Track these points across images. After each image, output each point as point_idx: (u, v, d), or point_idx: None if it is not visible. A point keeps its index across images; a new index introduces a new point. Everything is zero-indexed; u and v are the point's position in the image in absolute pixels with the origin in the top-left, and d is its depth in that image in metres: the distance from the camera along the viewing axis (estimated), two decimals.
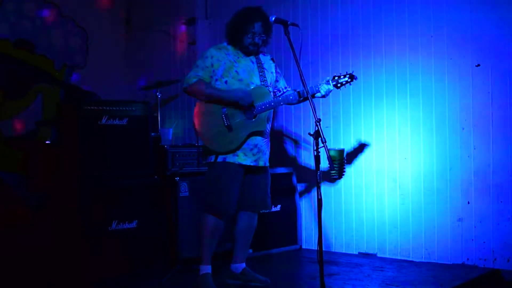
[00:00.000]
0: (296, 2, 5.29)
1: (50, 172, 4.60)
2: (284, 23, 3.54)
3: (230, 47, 3.88)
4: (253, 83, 3.81)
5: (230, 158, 3.76)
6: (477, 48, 4.28)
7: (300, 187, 5.20)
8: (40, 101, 5.89)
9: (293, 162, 5.30)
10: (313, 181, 5.15)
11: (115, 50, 6.62)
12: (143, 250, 4.23)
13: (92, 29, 6.36)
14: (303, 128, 5.26)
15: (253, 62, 3.88)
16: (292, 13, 5.26)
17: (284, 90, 3.99)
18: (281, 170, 5.10)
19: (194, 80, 3.78)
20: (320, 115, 4.83)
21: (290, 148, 5.39)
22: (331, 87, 3.67)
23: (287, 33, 3.51)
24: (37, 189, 4.86)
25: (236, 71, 3.80)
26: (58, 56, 6.07)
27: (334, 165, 4.57)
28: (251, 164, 3.80)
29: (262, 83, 3.82)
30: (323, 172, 4.77)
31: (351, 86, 3.77)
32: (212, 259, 3.84)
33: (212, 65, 3.80)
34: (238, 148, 3.75)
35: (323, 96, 3.74)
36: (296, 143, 5.34)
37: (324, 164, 3.64)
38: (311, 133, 3.30)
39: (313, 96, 3.69)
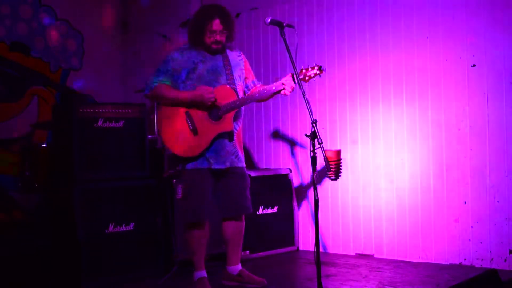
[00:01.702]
0: (292, 5, 5.29)
1: (46, 175, 4.59)
2: (279, 24, 3.52)
3: (193, 49, 3.78)
4: (219, 83, 3.73)
5: (199, 164, 3.70)
6: (472, 49, 4.29)
7: (297, 188, 5.20)
8: (35, 103, 5.88)
9: (289, 163, 5.30)
10: (310, 182, 5.15)
11: (111, 53, 6.60)
12: (140, 252, 4.23)
13: (88, 32, 6.34)
14: (300, 129, 5.26)
15: (220, 61, 3.79)
16: (288, 15, 5.26)
17: (253, 86, 3.93)
18: (278, 171, 5.11)
19: (155, 84, 3.73)
20: (316, 116, 4.84)
21: (286, 149, 5.38)
22: (293, 83, 3.58)
23: (282, 34, 3.49)
24: (33, 192, 4.85)
25: (200, 73, 3.73)
26: (53, 59, 6.05)
27: (331, 166, 4.57)
28: (220, 167, 3.72)
29: (228, 81, 3.75)
30: (320, 173, 4.77)
31: (347, 88, 3.77)
32: (208, 261, 3.83)
33: (173, 69, 3.74)
34: (205, 152, 3.68)
35: (284, 94, 3.64)
36: (293, 144, 5.34)
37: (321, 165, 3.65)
38: (308, 134, 3.30)
39: (277, 92, 3.65)
